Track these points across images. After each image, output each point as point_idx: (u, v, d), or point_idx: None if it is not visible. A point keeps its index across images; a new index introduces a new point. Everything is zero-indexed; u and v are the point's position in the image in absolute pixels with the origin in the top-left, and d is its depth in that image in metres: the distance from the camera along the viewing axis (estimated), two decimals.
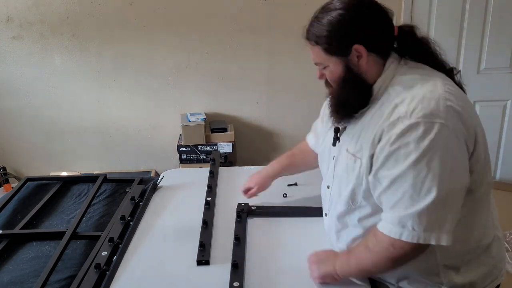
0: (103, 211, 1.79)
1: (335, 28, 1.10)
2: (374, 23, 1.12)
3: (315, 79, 1.24)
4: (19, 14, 2.93)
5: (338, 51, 1.12)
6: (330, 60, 1.15)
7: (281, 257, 1.38)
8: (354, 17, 1.10)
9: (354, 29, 1.10)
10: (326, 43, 1.12)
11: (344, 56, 1.12)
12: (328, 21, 1.11)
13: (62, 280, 1.37)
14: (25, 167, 3.32)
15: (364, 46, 1.10)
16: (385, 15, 1.14)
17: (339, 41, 1.11)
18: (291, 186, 1.82)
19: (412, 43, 1.16)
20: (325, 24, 1.11)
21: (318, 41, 1.14)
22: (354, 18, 1.10)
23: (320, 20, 1.13)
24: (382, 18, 1.13)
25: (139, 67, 3.08)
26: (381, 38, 1.13)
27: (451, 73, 1.19)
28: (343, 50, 1.11)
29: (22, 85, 3.10)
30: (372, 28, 1.11)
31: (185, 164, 3.08)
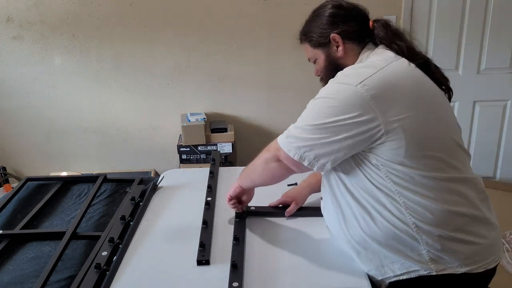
0: (103, 211, 1.79)
1: (316, 23, 1.34)
2: (348, 16, 1.32)
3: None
4: (19, 14, 2.93)
5: (320, 43, 1.33)
6: (316, 53, 1.36)
7: (280, 257, 1.38)
8: (331, 13, 1.32)
9: (330, 21, 1.31)
10: (310, 37, 1.36)
11: (326, 46, 1.33)
12: (311, 19, 1.37)
13: (62, 280, 1.37)
14: (25, 167, 3.32)
15: (340, 36, 1.30)
16: (358, 10, 1.34)
17: (319, 33, 1.33)
18: (291, 186, 1.82)
19: (385, 33, 1.30)
20: (309, 23, 1.37)
21: (305, 38, 1.38)
22: (330, 13, 1.32)
23: (307, 21, 1.39)
24: (355, 12, 1.33)
25: (139, 67, 3.08)
26: (356, 28, 1.31)
27: (427, 63, 1.27)
28: (323, 41, 1.33)
29: (22, 85, 3.10)
30: (346, 20, 1.31)
31: (185, 164, 3.08)
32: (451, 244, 1.16)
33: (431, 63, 1.28)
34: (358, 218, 1.22)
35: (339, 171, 1.25)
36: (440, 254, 1.16)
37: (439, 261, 1.16)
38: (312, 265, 1.32)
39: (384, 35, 1.30)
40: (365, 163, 1.18)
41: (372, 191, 1.18)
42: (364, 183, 1.19)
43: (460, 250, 1.16)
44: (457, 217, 1.16)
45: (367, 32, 1.32)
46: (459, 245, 1.16)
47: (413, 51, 1.28)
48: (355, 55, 1.31)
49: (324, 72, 1.37)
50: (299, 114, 1.27)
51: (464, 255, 1.17)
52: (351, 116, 1.12)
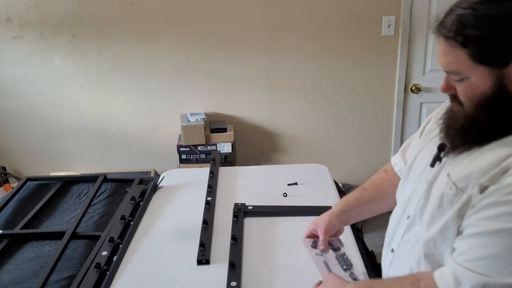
0: (103, 211, 1.79)
1: (499, 26, 0.78)
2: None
3: (315, 79, 1.06)
4: (19, 14, 2.93)
5: (494, 60, 0.80)
6: (475, 71, 0.82)
7: (278, 256, 1.38)
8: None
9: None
10: (478, 48, 0.79)
11: (500, 67, 0.80)
12: (491, 14, 0.78)
13: (62, 280, 1.37)
14: (25, 167, 3.32)
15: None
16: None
17: (501, 47, 0.78)
18: (291, 185, 1.83)
19: None
20: (482, 19, 0.78)
21: (465, 42, 0.80)
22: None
23: (472, 11, 0.79)
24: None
25: (139, 67, 3.08)
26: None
27: None
28: (501, 60, 0.79)
29: (22, 85, 3.10)
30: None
31: (185, 164, 3.09)
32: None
33: None
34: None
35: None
36: None
37: None
38: (309, 265, 1.32)
39: None
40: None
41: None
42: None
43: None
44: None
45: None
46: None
47: None
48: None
49: (477, 102, 0.84)
50: (299, 114, 1.15)
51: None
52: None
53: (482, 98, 0.83)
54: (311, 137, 3.26)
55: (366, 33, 2.92)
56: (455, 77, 0.86)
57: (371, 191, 1.26)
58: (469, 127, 0.86)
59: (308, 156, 3.28)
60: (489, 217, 0.79)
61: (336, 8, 2.93)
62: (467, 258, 0.81)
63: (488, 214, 0.79)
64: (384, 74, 3.06)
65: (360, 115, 3.19)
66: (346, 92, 3.12)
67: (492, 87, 0.81)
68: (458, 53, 0.82)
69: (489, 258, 0.77)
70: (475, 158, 0.85)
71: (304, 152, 3.30)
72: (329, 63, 3.05)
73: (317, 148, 3.28)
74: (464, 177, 0.85)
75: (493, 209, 0.78)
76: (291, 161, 3.29)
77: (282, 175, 1.92)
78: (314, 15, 2.95)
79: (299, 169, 2.02)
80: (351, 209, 1.25)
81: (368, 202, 1.25)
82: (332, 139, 3.26)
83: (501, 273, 0.76)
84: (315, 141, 3.27)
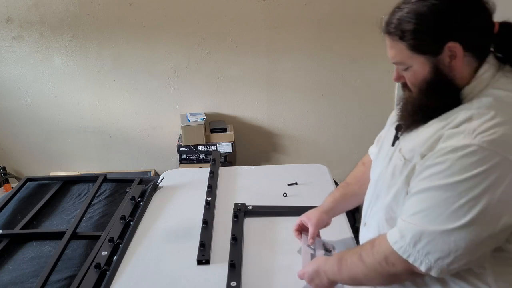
0: (103, 211, 1.79)
1: (427, 20, 0.92)
2: (475, 15, 0.92)
3: (315, 78, 1.14)
4: (19, 14, 2.93)
5: (428, 49, 0.94)
6: (415, 60, 0.96)
7: (278, 256, 1.38)
8: (452, 7, 0.91)
9: (450, 22, 0.91)
10: (414, 39, 0.93)
11: (434, 55, 0.94)
12: (419, 11, 0.92)
13: (62, 280, 1.37)
14: (25, 167, 3.32)
15: (461, 44, 0.91)
16: (485, 8, 0.94)
17: (431, 37, 0.92)
18: (291, 185, 1.83)
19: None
20: (413, 15, 0.93)
21: (403, 36, 0.94)
22: (450, 8, 0.91)
23: (408, 10, 0.94)
24: (483, 11, 0.94)
25: (139, 67, 3.08)
26: (481, 35, 0.94)
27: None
28: (434, 48, 0.93)
29: (22, 85, 3.10)
30: (472, 22, 0.92)
31: (185, 164, 3.09)
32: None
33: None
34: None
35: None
36: None
37: None
38: None
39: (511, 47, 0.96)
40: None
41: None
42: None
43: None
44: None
45: (490, 40, 0.97)
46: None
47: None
48: (471, 72, 0.96)
49: (421, 86, 0.99)
50: (299, 114, 1.20)
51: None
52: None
53: (424, 83, 0.97)
54: (311, 137, 3.26)
55: (366, 33, 2.91)
56: (401, 67, 1.00)
57: (354, 185, 1.38)
58: (416, 108, 1.01)
59: (308, 156, 3.28)
60: (424, 178, 0.93)
61: (336, 8, 2.93)
62: (408, 214, 0.95)
63: (424, 175, 0.94)
64: (384, 74, 3.06)
65: (360, 115, 3.19)
66: (346, 92, 3.12)
67: (431, 73, 0.96)
68: (399, 46, 0.97)
69: (424, 211, 0.92)
70: (419, 133, 1.00)
71: (304, 152, 3.30)
72: (329, 63, 3.05)
73: (317, 148, 3.28)
74: (411, 150, 1.00)
75: (427, 170, 0.93)
76: (291, 161, 3.29)
77: (282, 175, 1.92)
78: (314, 15, 2.95)
79: (299, 169, 2.01)
80: (337, 206, 1.38)
81: (352, 196, 1.38)
82: (332, 139, 3.26)
83: (433, 222, 0.90)
84: (315, 141, 3.27)
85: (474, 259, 0.91)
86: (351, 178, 1.42)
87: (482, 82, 0.95)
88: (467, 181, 0.87)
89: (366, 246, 1.05)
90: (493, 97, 0.93)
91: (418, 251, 0.92)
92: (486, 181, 0.86)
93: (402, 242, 0.94)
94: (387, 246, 0.97)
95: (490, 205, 0.86)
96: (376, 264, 0.99)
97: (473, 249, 0.89)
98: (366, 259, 1.02)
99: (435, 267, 0.91)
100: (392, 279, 1.01)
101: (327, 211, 1.37)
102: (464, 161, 0.87)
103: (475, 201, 0.87)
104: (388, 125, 1.27)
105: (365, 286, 1.11)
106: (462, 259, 0.90)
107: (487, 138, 0.86)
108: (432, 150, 0.93)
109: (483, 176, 0.86)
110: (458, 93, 0.96)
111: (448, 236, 0.89)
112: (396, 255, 0.95)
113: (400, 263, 0.96)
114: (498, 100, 0.92)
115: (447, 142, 0.90)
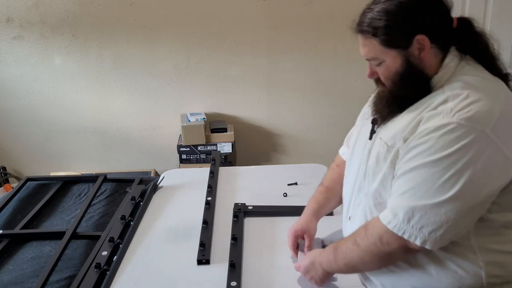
0: (103, 211, 1.79)
1: (396, 16, 1.01)
2: (437, 11, 1.03)
3: (315, 78, 1.18)
4: (19, 14, 2.93)
5: (399, 43, 1.02)
6: (387, 54, 1.04)
7: (278, 256, 1.38)
8: (417, 4, 1.01)
9: (418, 18, 1.01)
10: (385, 34, 1.02)
11: (405, 48, 1.02)
12: (387, 9, 1.01)
13: (62, 280, 1.37)
14: (25, 167, 3.32)
15: (428, 37, 1.01)
16: (445, 4, 1.05)
17: (401, 32, 1.01)
18: (291, 185, 1.83)
19: (470, 37, 1.07)
20: (383, 13, 1.01)
21: (375, 32, 1.03)
22: (416, 5, 1.01)
23: (378, 9, 1.03)
24: (443, 7, 1.05)
25: (139, 67, 3.08)
26: (443, 29, 1.04)
27: (506, 79, 1.09)
28: (404, 42, 1.02)
29: (22, 85, 3.10)
30: (435, 16, 1.02)
31: (185, 164, 3.09)
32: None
33: (511, 78, 1.10)
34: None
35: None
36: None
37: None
38: None
39: (470, 40, 1.07)
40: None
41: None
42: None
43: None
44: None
45: (451, 33, 1.06)
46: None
47: (499, 66, 1.09)
48: (437, 62, 1.05)
49: (394, 79, 1.07)
50: (299, 114, 1.22)
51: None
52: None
53: (397, 75, 1.06)
54: (311, 137, 3.26)
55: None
56: (375, 63, 1.08)
57: (335, 187, 1.41)
58: (391, 99, 1.09)
59: (308, 156, 3.28)
60: (409, 159, 1.00)
61: (336, 8, 2.93)
62: (398, 194, 1.02)
63: (408, 156, 1.01)
64: None
65: None
66: (346, 92, 3.12)
67: (403, 65, 1.04)
68: (372, 43, 1.05)
69: (413, 189, 0.99)
70: (398, 121, 1.07)
71: (304, 152, 3.30)
72: (329, 63, 3.05)
73: (317, 148, 3.28)
74: (392, 136, 1.07)
75: (412, 152, 1.00)
76: (291, 161, 3.29)
77: (282, 175, 1.92)
78: (314, 15, 2.95)
79: (299, 169, 2.01)
80: (324, 210, 1.41)
81: (334, 197, 1.41)
82: (332, 139, 3.26)
83: (423, 198, 0.97)
84: (315, 141, 3.27)
85: (462, 229, 0.99)
86: (329, 182, 1.44)
87: (449, 70, 1.05)
88: (450, 156, 0.95)
89: (359, 231, 1.09)
90: (461, 81, 1.02)
91: (412, 227, 0.98)
92: (467, 154, 0.94)
93: (396, 221, 1.00)
94: (381, 226, 1.03)
95: (473, 176, 0.94)
96: (372, 246, 1.05)
97: (462, 219, 0.96)
98: (361, 242, 1.07)
99: (429, 240, 0.97)
100: (387, 259, 1.07)
101: (318, 217, 1.39)
102: (445, 138, 0.95)
103: (460, 173, 0.94)
104: (358, 124, 1.35)
105: (360, 271, 1.18)
106: (453, 229, 0.97)
107: (464, 116, 0.95)
108: (414, 133, 1.01)
109: (464, 150, 0.94)
110: (428, 82, 1.05)
111: (439, 209, 0.96)
112: (390, 233, 1.01)
113: (395, 241, 1.01)
114: (467, 83, 1.01)
115: (428, 124, 0.98)
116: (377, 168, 1.11)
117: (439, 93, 1.03)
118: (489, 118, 0.95)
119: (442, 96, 1.01)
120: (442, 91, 1.02)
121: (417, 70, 1.04)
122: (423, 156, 0.98)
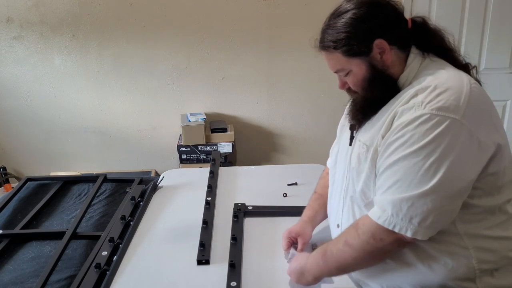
0: (103, 211, 1.79)
1: (353, 27, 1.08)
2: (389, 15, 1.10)
3: (315, 78, 1.21)
4: (19, 14, 2.93)
5: (360, 51, 1.08)
6: (352, 63, 1.11)
7: (278, 256, 1.38)
8: (369, 12, 1.08)
9: (372, 25, 1.08)
10: (345, 45, 1.09)
11: (366, 54, 1.09)
12: (344, 23, 1.09)
13: (62, 280, 1.37)
14: (25, 167, 3.33)
15: (385, 40, 1.08)
16: (396, 8, 1.13)
17: (359, 40, 1.08)
18: (291, 185, 1.83)
19: (426, 34, 1.14)
20: (341, 27, 1.09)
21: (336, 46, 1.10)
22: (369, 14, 1.08)
23: (334, 25, 1.11)
24: (394, 11, 1.12)
25: (139, 67, 3.08)
26: (399, 30, 1.11)
27: (467, 69, 1.17)
28: (364, 49, 1.08)
29: (22, 85, 3.10)
30: (388, 21, 1.09)
31: (185, 164, 3.09)
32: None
33: (471, 68, 1.19)
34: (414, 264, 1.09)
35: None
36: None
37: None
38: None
39: (426, 37, 1.14)
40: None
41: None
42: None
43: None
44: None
45: (407, 33, 1.13)
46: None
47: (457, 57, 1.17)
48: (401, 62, 1.12)
49: (363, 85, 1.13)
50: (299, 114, 1.24)
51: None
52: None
53: (365, 81, 1.12)
54: (311, 137, 3.26)
55: None
56: (342, 73, 1.15)
57: (327, 195, 1.40)
58: (364, 104, 1.15)
59: (308, 156, 3.28)
60: (389, 154, 1.04)
61: None
62: (383, 190, 1.05)
63: (388, 152, 1.05)
64: None
65: None
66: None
67: (368, 71, 1.10)
68: (336, 56, 1.12)
69: (397, 182, 1.02)
70: (373, 123, 1.13)
71: (304, 152, 3.30)
72: None
73: (317, 148, 3.28)
74: (370, 137, 1.12)
75: (390, 147, 1.04)
76: (291, 161, 3.29)
77: (282, 175, 1.92)
78: (314, 15, 2.95)
79: (299, 169, 2.02)
80: (319, 216, 1.44)
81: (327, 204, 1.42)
82: (332, 139, 3.25)
83: (408, 189, 1.00)
84: (315, 141, 3.27)
85: (450, 215, 1.02)
86: (321, 189, 1.47)
87: (413, 68, 1.11)
88: (428, 145, 0.98)
89: (349, 231, 1.11)
90: (428, 75, 1.07)
91: (402, 219, 1.01)
92: (444, 141, 0.98)
93: (385, 216, 1.03)
94: (371, 223, 1.05)
95: (453, 161, 0.98)
96: (364, 244, 1.06)
97: (448, 205, 1.00)
98: (352, 242, 1.08)
99: (420, 230, 1.00)
100: (381, 255, 1.08)
101: (313, 223, 1.42)
102: (420, 129, 0.99)
103: (440, 161, 0.98)
104: (338, 136, 1.40)
105: (351, 271, 1.19)
106: (441, 216, 1.00)
107: (435, 106, 0.99)
108: (390, 129, 1.06)
109: (440, 137, 0.98)
110: (396, 82, 1.12)
111: (425, 198, 0.99)
112: (382, 229, 1.04)
113: (388, 236, 1.04)
114: (433, 76, 1.06)
115: (402, 118, 1.03)
116: (359, 168, 1.14)
117: (409, 88, 1.08)
118: (458, 106, 0.99)
119: (412, 90, 1.06)
120: (411, 86, 1.08)
121: (383, 73, 1.10)
122: (402, 149, 1.01)
